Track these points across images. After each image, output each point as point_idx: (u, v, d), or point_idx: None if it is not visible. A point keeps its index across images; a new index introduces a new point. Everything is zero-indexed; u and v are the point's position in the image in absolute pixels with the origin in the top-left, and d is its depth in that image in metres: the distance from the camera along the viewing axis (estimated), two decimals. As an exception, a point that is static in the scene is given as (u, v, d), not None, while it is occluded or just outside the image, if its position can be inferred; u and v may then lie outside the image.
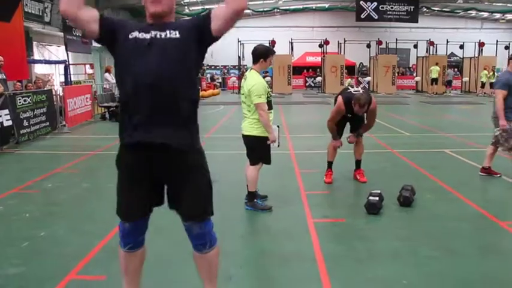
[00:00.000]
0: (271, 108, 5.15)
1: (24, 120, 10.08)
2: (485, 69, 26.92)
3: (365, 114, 6.25)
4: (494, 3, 33.40)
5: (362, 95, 5.97)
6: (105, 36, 2.47)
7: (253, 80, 4.99)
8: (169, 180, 2.58)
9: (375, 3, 30.47)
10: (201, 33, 2.45)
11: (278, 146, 5.32)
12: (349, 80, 27.84)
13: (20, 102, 9.97)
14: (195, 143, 2.56)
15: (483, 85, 26.83)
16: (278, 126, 5.32)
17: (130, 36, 2.41)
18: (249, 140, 5.18)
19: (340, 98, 6.18)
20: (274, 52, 5.28)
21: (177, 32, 2.39)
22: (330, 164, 6.60)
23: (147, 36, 2.40)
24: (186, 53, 2.43)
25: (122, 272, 2.86)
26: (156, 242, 3.82)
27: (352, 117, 6.28)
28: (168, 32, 2.39)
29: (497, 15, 37.87)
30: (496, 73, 27.49)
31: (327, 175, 6.58)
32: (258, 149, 5.17)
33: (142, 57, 2.37)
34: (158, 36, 2.39)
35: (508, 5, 32.73)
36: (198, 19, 2.49)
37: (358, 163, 6.60)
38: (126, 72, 2.43)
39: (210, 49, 2.59)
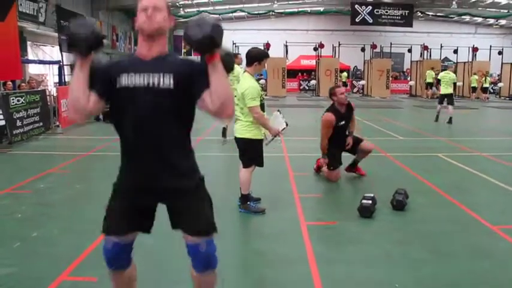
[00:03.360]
0: (263, 111, 5.17)
1: (18, 120, 10.02)
2: (475, 74, 27.09)
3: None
4: (487, 9, 33.67)
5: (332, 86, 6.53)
6: (108, 94, 2.46)
7: (247, 83, 4.99)
8: (172, 207, 2.57)
9: (370, 7, 30.69)
10: (192, 91, 2.40)
11: (287, 125, 5.54)
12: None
13: (13, 102, 9.92)
14: (197, 175, 2.58)
15: (474, 90, 27.00)
16: (279, 111, 5.41)
17: (123, 81, 2.39)
18: (241, 142, 5.18)
19: (325, 114, 6.54)
20: (268, 56, 5.29)
21: (171, 79, 2.36)
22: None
23: (141, 82, 2.37)
24: (180, 104, 2.43)
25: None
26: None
27: (345, 127, 6.49)
28: (162, 78, 2.36)
29: (491, 21, 38.14)
30: (488, 78, 27.71)
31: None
32: (250, 151, 5.18)
33: (137, 107, 2.38)
34: (151, 84, 2.36)
35: (502, 10, 33.02)
36: (195, 77, 2.39)
37: (356, 162, 6.69)
38: (123, 118, 2.45)
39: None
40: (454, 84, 14.26)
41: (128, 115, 2.41)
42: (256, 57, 5.09)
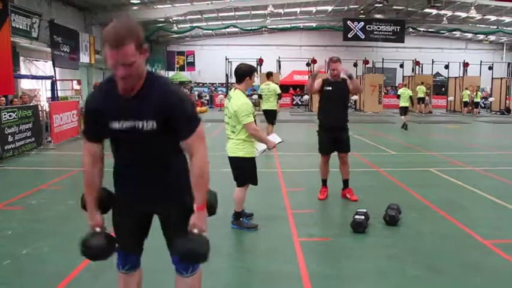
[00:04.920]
0: None
1: (9, 136, 9.97)
2: (467, 89, 27.35)
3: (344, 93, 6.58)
4: (477, 25, 34.11)
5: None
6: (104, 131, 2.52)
7: (239, 101, 4.98)
8: (163, 223, 2.70)
9: (362, 23, 30.97)
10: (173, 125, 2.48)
11: (282, 141, 5.57)
12: None
13: (5, 118, 9.88)
14: (189, 197, 2.57)
15: (466, 104, 27.23)
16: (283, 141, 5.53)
17: (111, 126, 2.45)
18: (234, 161, 5.15)
19: None
20: (256, 69, 5.33)
21: (155, 123, 2.40)
22: (324, 181, 6.70)
23: (130, 124, 2.42)
24: (166, 139, 2.49)
25: None
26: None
27: (334, 96, 6.41)
28: (145, 122, 2.40)
29: (481, 37, 38.64)
30: (480, 92, 27.96)
31: (321, 191, 6.65)
32: (244, 170, 5.16)
33: (128, 146, 2.51)
34: (137, 126, 2.41)
35: (491, 26, 33.48)
36: (177, 124, 2.46)
37: (345, 182, 6.63)
38: (116, 150, 2.58)
39: (198, 67, 2.60)
40: (411, 98, 17.68)
41: (120, 147, 2.55)
42: (246, 72, 5.11)
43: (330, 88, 6.40)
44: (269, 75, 12.90)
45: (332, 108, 6.42)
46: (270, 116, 11.90)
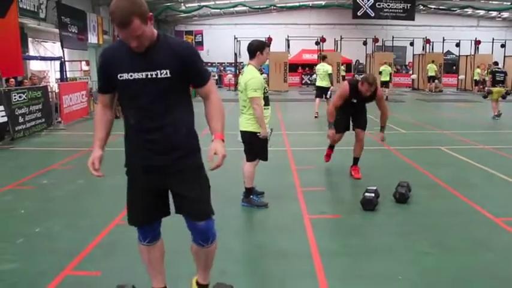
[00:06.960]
0: (267, 105, 5.18)
1: (20, 117, 10.03)
2: (478, 67, 26.95)
3: (365, 106, 6.58)
4: (490, 1, 33.49)
5: (370, 75, 6.41)
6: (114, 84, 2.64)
7: (250, 75, 4.99)
8: (172, 186, 2.73)
9: (372, 1, 30.46)
10: (188, 75, 2.61)
11: (271, 130, 5.35)
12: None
13: (15, 99, 9.93)
14: (195, 151, 2.75)
15: (477, 83, 26.90)
16: (271, 129, 5.31)
17: (126, 76, 2.54)
18: (245, 135, 5.17)
19: (345, 82, 6.44)
20: (268, 44, 5.33)
21: (168, 72, 2.52)
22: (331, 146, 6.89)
23: (141, 75, 2.52)
24: (179, 87, 2.61)
25: (145, 263, 2.98)
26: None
27: (357, 104, 6.34)
28: (159, 72, 2.51)
29: (494, 13, 37.98)
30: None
31: (327, 153, 6.95)
32: (254, 145, 5.17)
33: (140, 96, 2.56)
34: (150, 76, 2.52)
35: (505, 3, 32.85)
36: (190, 64, 2.60)
37: (355, 160, 6.62)
38: (128, 107, 2.65)
39: (206, 47, 2.63)
40: (390, 74, 21.64)
41: (132, 99, 2.61)
42: (258, 47, 5.10)
43: (356, 101, 6.33)
44: (324, 57, 14.55)
45: (350, 112, 6.50)
46: (324, 92, 13.80)
